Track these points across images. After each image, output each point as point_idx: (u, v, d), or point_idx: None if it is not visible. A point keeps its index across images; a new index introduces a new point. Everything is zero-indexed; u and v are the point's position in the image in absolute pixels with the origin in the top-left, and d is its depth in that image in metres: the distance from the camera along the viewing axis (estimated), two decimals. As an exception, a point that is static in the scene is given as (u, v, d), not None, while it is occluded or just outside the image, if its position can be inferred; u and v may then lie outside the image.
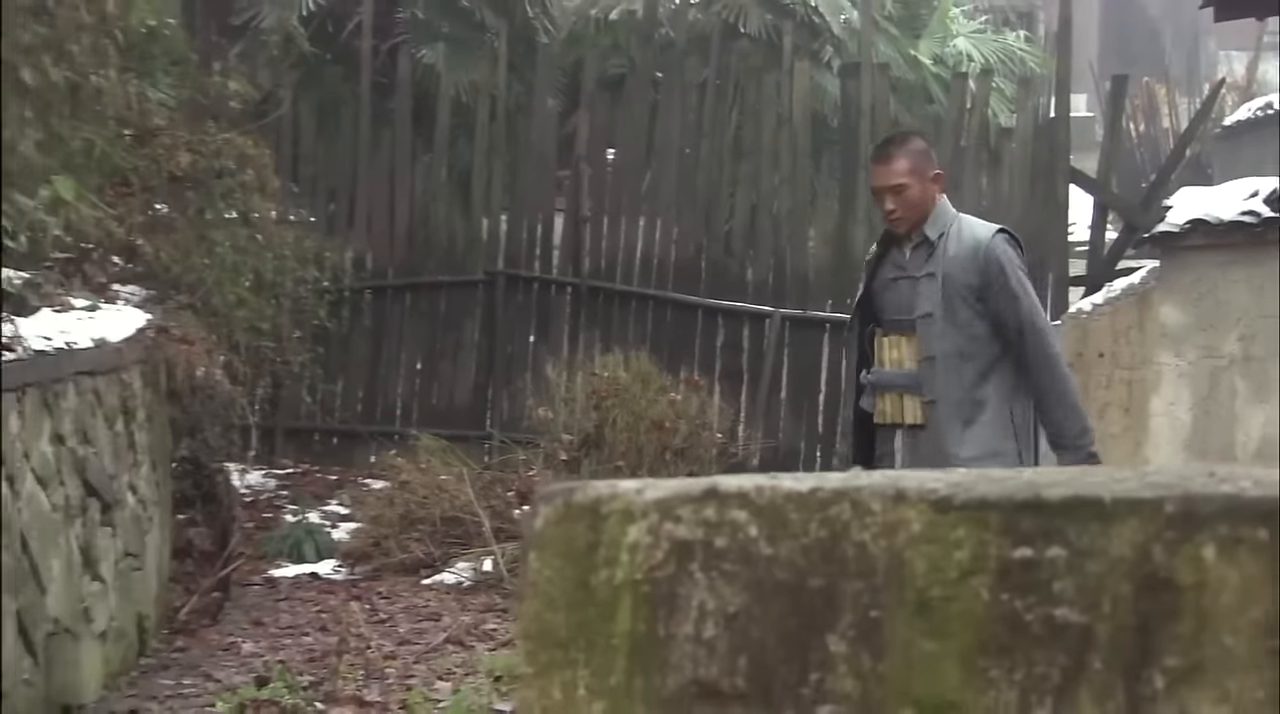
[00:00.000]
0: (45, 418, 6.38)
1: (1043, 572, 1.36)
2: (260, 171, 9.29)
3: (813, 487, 1.47)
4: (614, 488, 1.57)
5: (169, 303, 8.35)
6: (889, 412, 5.44)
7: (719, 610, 1.48)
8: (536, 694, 1.57)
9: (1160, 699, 1.30)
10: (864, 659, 1.42)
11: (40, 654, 6.04)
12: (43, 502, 6.26)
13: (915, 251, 5.41)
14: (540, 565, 1.59)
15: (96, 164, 8.05)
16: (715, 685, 1.46)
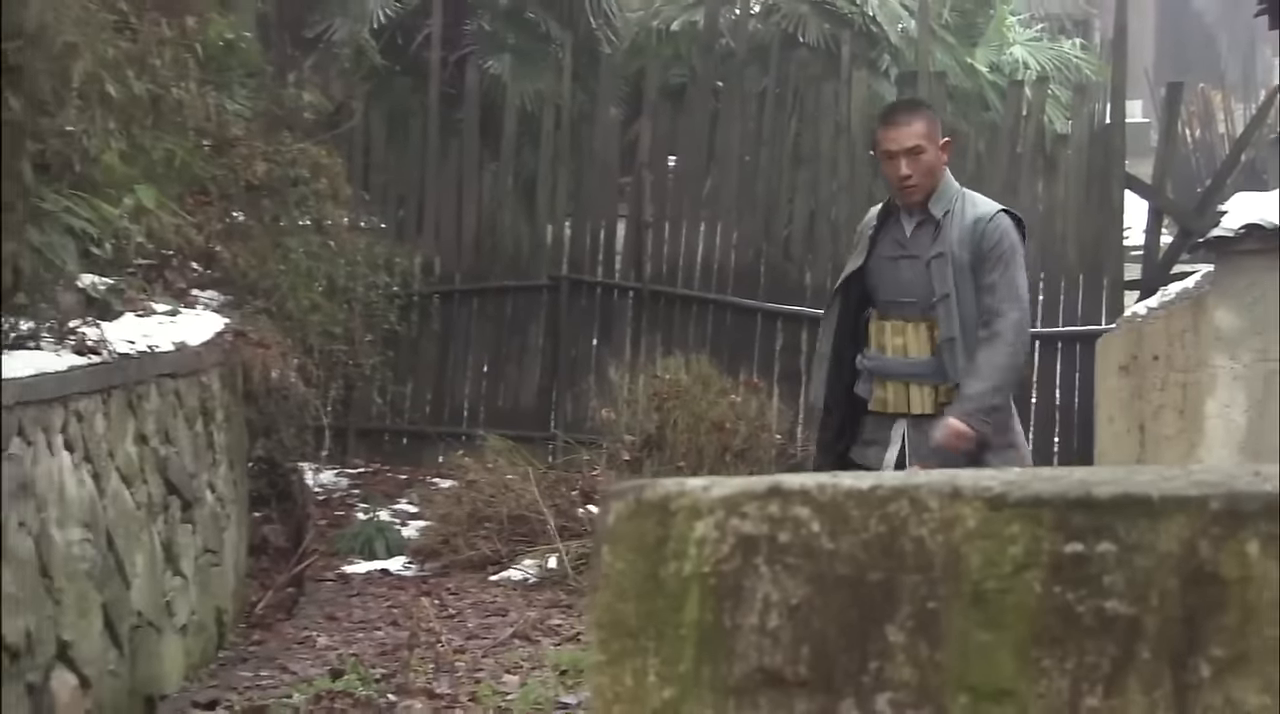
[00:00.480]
0: (129, 419, 6.49)
1: (1093, 566, 1.40)
2: (333, 180, 9.38)
3: (872, 484, 1.51)
4: (682, 485, 1.62)
5: (246, 307, 8.43)
6: (892, 400, 5.12)
7: (783, 602, 1.52)
8: (609, 681, 1.62)
9: (1206, 687, 1.33)
10: (922, 649, 1.46)
11: (125, 646, 6.16)
12: (127, 499, 6.38)
13: (918, 230, 5.13)
14: (612, 559, 1.64)
15: (177, 173, 8.14)
16: (779, 674, 1.50)
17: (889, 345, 5.09)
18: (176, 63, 8.10)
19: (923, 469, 4.57)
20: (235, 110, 9.17)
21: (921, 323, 5.05)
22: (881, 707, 1.46)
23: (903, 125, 5.08)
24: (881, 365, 5.13)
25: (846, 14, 13.53)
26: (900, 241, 5.13)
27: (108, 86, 7.36)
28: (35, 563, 5.52)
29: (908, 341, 5.05)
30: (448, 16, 12.58)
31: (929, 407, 5.04)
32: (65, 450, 5.85)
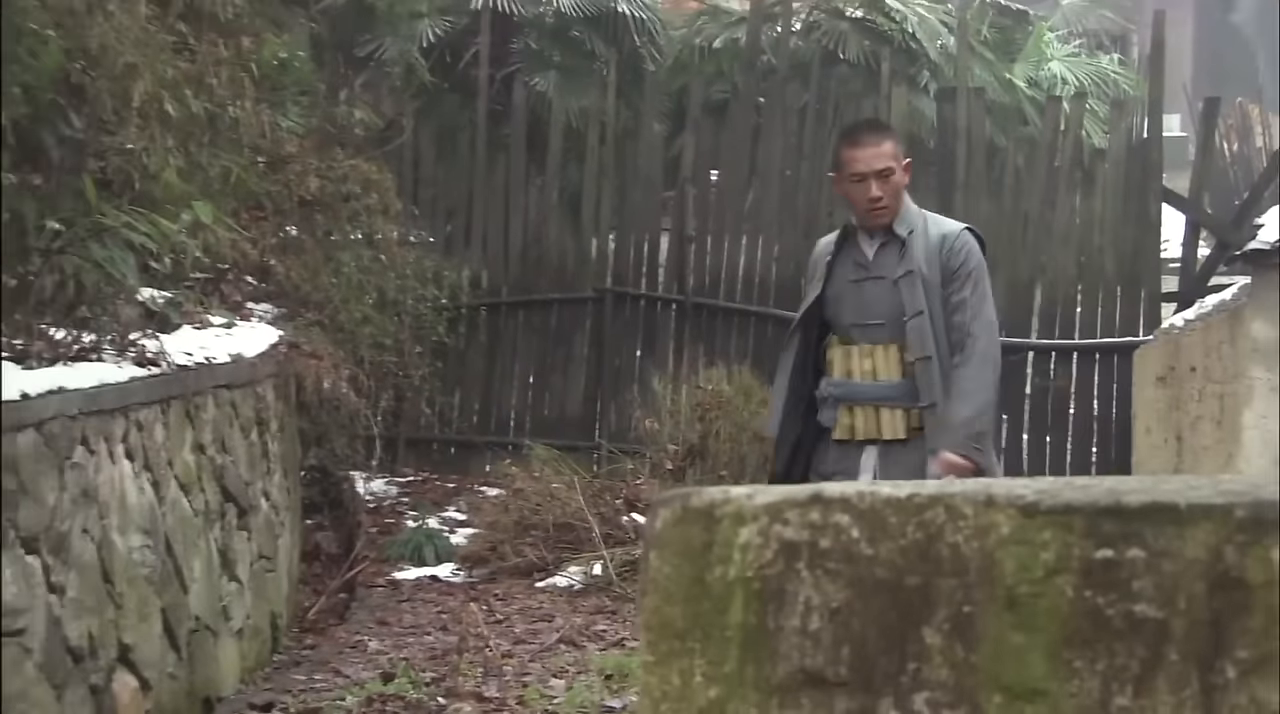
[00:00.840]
0: (187, 428, 6.53)
1: (1123, 571, 1.43)
2: (383, 195, 9.44)
3: (910, 492, 1.55)
4: (726, 493, 1.66)
5: (299, 320, 8.49)
6: (861, 426, 4.82)
7: (823, 605, 1.55)
8: (657, 680, 1.66)
9: (1232, 688, 1.36)
10: (957, 650, 1.49)
11: (184, 649, 6.19)
12: (185, 507, 6.41)
13: (882, 251, 4.88)
14: (660, 563, 1.68)
15: (233, 189, 8.19)
16: (820, 674, 1.53)
17: (856, 369, 4.84)
18: (233, 82, 8.18)
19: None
20: (289, 127, 9.25)
21: (891, 345, 4.82)
22: (919, 706, 1.49)
23: (871, 146, 4.88)
24: (850, 391, 4.85)
25: (886, 31, 13.53)
26: (863, 264, 4.90)
27: (167, 105, 7.45)
28: (98, 568, 5.56)
29: (876, 364, 4.81)
30: (495, 35, 12.65)
31: (900, 431, 4.78)
32: (126, 459, 5.89)
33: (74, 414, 5.47)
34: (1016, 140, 12.50)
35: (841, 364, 4.88)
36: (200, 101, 7.76)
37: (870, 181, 4.79)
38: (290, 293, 8.59)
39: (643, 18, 13.33)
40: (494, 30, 12.61)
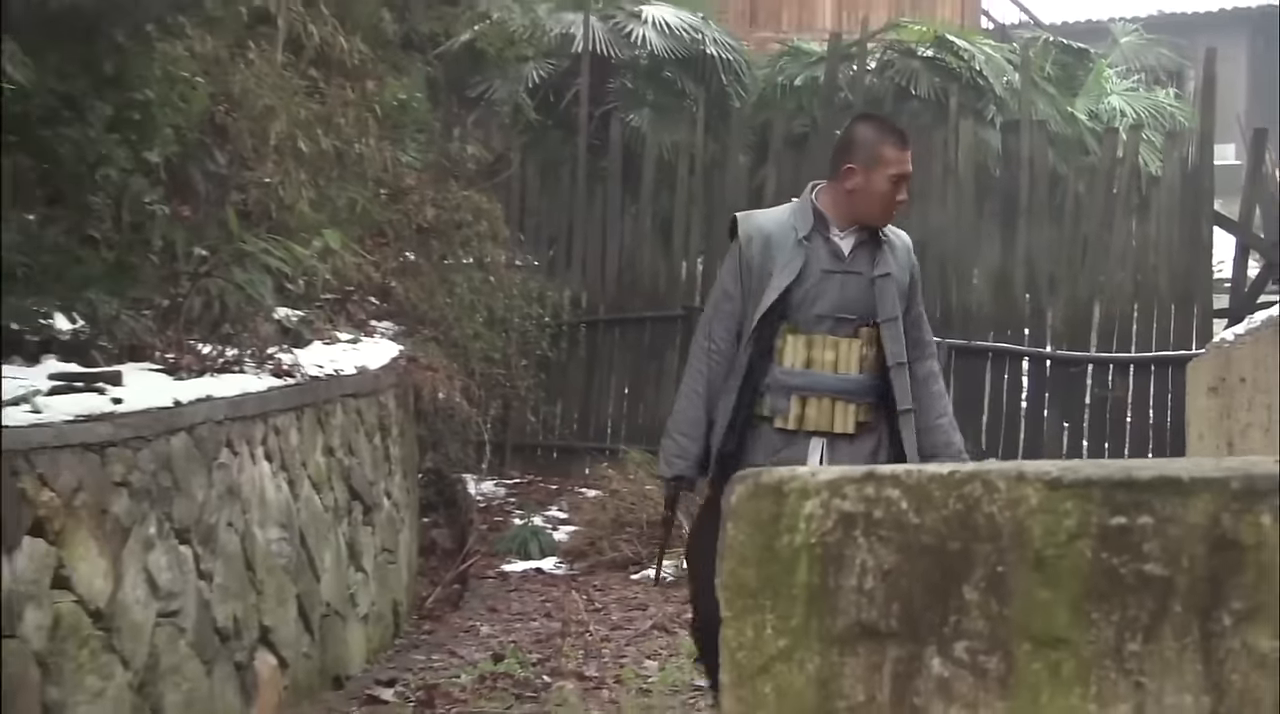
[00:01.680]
0: (319, 433, 6.62)
1: (1134, 535, 1.52)
2: (493, 223, 9.53)
3: (951, 470, 1.65)
4: (793, 472, 1.77)
5: (417, 336, 8.55)
6: (814, 418, 4.36)
7: (877, 567, 1.66)
8: (734, 633, 1.77)
9: (1228, 635, 1.45)
10: (992, 605, 1.59)
11: (316, 632, 6.27)
12: (317, 503, 6.50)
13: (859, 249, 4.45)
14: (735, 532, 1.79)
15: (358, 218, 8.33)
16: (874, 626, 1.63)
17: (819, 360, 4.38)
18: (358, 121, 8.34)
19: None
20: (408, 162, 9.39)
21: (854, 340, 4.41)
22: (959, 653, 1.59)
23: (908, 150, 4.53)
24: (810, 381, 4.39)
25: (955, 68, 13.51)
26: (839, 256, 4.44)
27: (300, 143, 7.63)
28: (241, 557, 5.67)
29: (839, 358, 4.38)
30: (594, 76, 12.76)
31: (850, 426, 4.37)
32: (265, 460, 5.99)
33: (220, 419, 5.57)
34: (1077, 169, 12.43)
35: (800, 353, 4.41)
36: (329, 139, 7.93)
37: (903, 184, 4.47)
38: (409, 311, 8.68)
39: (729, 59, 13.40)
40: (593, 72, 12.72)
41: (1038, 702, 1.53)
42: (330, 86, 8.26)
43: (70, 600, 4.63)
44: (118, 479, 4.90)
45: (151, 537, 5.07)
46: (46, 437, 4.62)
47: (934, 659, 1.60)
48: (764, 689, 1.71)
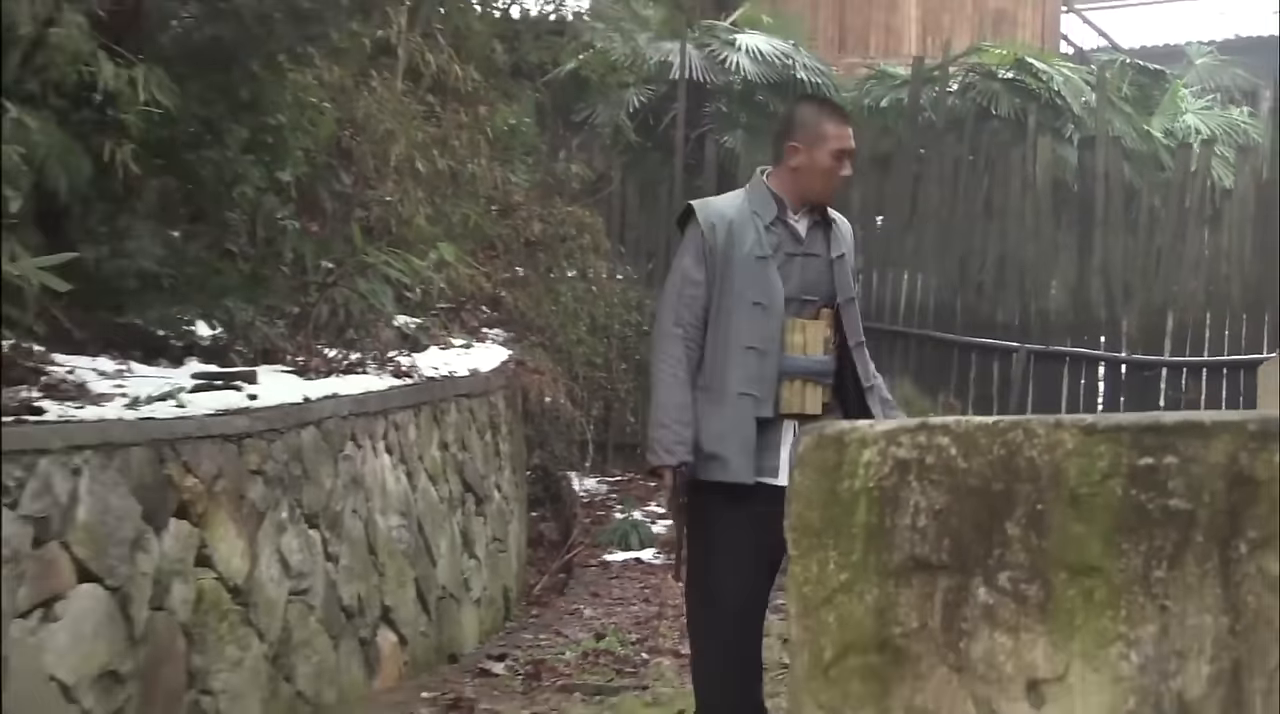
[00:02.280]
0: (434, 429, 6.75)
1: (1160, 474, 1.60)
2: (595, 237, 9.63)
3: (995, 419, 1.73)
4: (854, 424, 1.86)
5: (525, 342, 8.65)
6: (787, 400, 4.06)
7: (929, 507, 1.74)
8: (800, 569, 1.86)
9: (1244, 560, 1.52)
10: (1032, 538, 1.66)
11: (433, 613, 6.40)
12: (433, 494, 6.62)
13: (813, 230, 4.15)
14: (802, 479, 1.88)
15: (471, 233, 8.47)
16: (927, 560, 1.71)
17: (789, 342, 4.07)
18: (471, 143, 8.51)
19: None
20: (517, 181, 9.52)
21: (818, 321, 4.11)
22: (1003, 583, 1.67)
23: (849, 126, 4.21)
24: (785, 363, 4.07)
25: (1034, 89, 13.43)
26: (798, 239, 4.14)
27: (418, 164, 7.81)
28: (364, 542, 5.82)
29: (807, 339, 4.08)
30: (690, 101, 12.84)
31: (817, 407, 4.05)
32: (386, 453, 6.12)
33: (345, 415, 5.74)
34: (1152, 183, 12.33)
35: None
36: (445, 160, 8.10)
37: (845, 159, 4.14)
38: (518, 319, 8.80)
39: (818, 82, 13.40)
40: (689, 96, 12.79)
41: (1073, 624, 1.60)
42: (446, 111, 8.44)
43: (211, 577, 4.82)
44: (253, 468, 5.08)
45: (284, 521, 5.25)
46: (190, 428, 4.81)
47: (980, 588, 1.68)
48: (827, 618, 1.80)
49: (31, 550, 3.98)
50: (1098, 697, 1.57)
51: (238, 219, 6.54)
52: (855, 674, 1.76)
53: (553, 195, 9.86)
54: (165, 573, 4.58)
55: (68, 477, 4.11)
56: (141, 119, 5.50)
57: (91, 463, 4.20)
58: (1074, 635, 1.60)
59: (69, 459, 4.13)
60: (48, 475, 4.03)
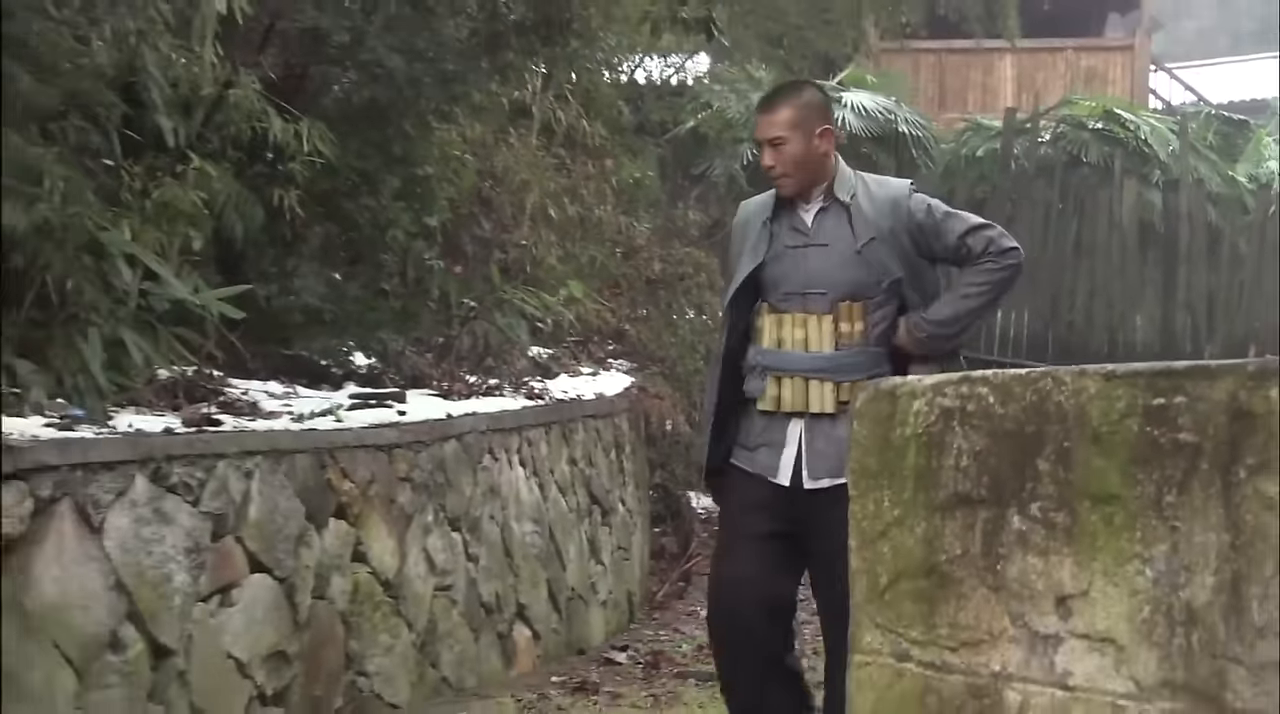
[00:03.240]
0: (564, 446, 6.84)
1: (1171, 412, 1.66)
2: (710, 275, 9.70)
3: (1028, 371, 1.81)
4: (904, 379, 1.95)
5: (646, 370, 8.77)
6: (789, 398, 3.63)
7: (970, 449, 1.82)
8: (859, 508, 1.95)
9: (1243, 484, 1.58)
10: (1059, 472, 1.74)
11: (563, 611, 6.48)
12: (563, 504, 6.71)
13: (822, 216, 3.68)
14: (860, 428, 1.98)
15: (597, 272, 8.62)
16: (968, 495, 1.79)
17: (789, 339, 3.65)
18: (598, 192, 8.68)
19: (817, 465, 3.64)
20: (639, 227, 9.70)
21: (826, 316, 3.63)
22: (1034, 512, 1.74)
23: (768, 113, 3.73)
24: (780, 360, 3.65)
25: (1122, 138, 13.31)
26: (801, 230, 3.69)
27: (550, 211, 8.00)
28: (501, 545, 5.93)
29: (809, 335, 3.63)
30: (800, 154, 12.92)
31: (829, 405, 3.60)
32: (520, 466, 6.23)
33: (483, 430, 5.85)
34: (1235, 224, 12.13)
35: (773, 332, 3.69)
36: (574, 207, 8.28)
37: (764, 149, 3.72)
38: (640, 350, 8.86)
39: (919, 135, 13.43)
40: (800, 149, 12.87)
41: (1095, 546, 1.67)
42: (576, 164, 8.62)
43: (365, 572, 4.96)
44: (402, 475, 5.22)
45: (429, 523, 5.38)
46: (347, 439, 4.98)
47: (1014, 518, 1.76)
48: (883, 549, 1.88)
49: (210, 543, 4.14)
50: (1117, 608, 1.64)
51: (390, 260, 6.73)
52: (907, 597, 1.84)
53: (672, 239, 9.98)
54: (325, 566, 4.72)
55: (241, 479, 4.28)
56: (306, 170, 5.74)
57: (261, 467, 4.36)
58: (1096, 556, 1.67)
59: (242, 463, 4.29)
60: (224, 477, 4.20)
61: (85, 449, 3.77)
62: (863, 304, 3.65)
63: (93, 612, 3.71)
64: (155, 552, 3.94)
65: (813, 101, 3.78)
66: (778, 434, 3.67)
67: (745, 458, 3.75)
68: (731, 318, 3.77)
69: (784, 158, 3.67)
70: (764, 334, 3.70)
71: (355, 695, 4.82)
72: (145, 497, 3.91)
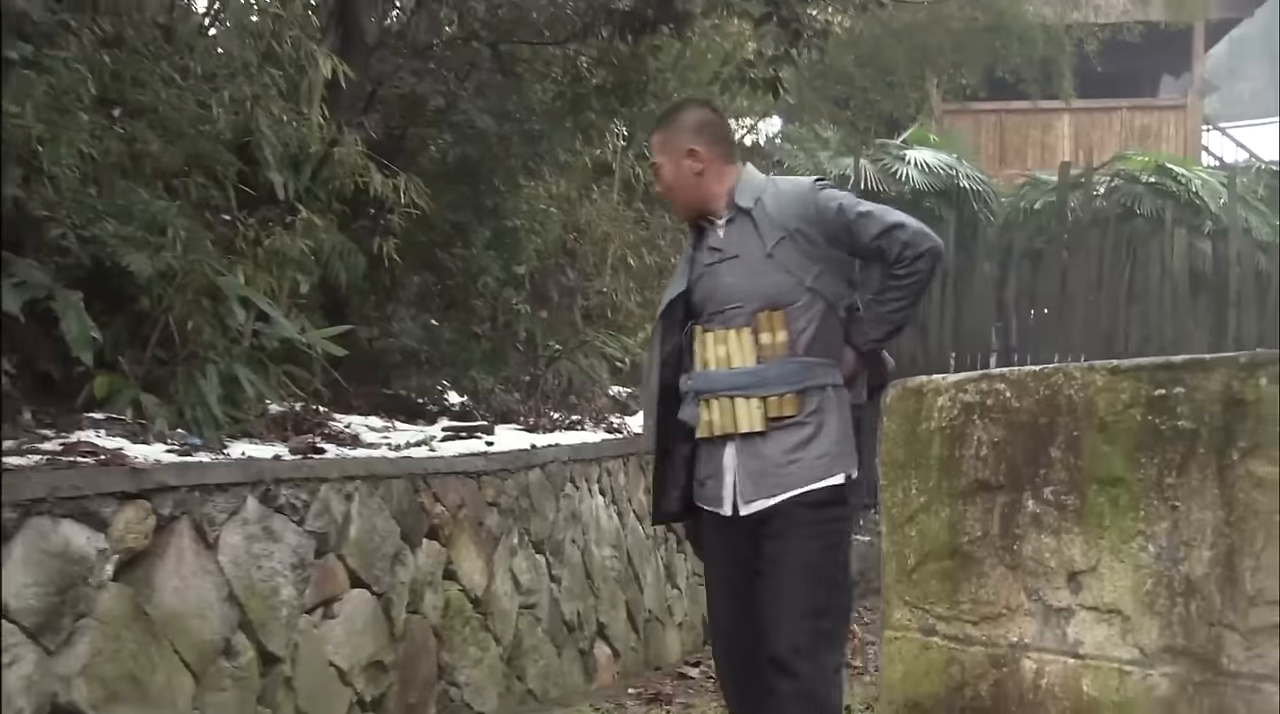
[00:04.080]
0: (641, 477, 6.79)
1: (1171, 401, 1.70)
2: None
3: (1040, 367, 1.86)
4: (930, 377, 2.00)
5: None
6: (718, 421, 3.14)
7: (989, 440, 1.86)
8: (889, 496, 2.00)
9: (1236, 465, 1.61)
10: (1070, 459, 1.78)
11: (641, 632, 6.49)
12: (640, 532, 6.70)
13: (731, 227, 3.25)
14: (890, 423, 2.03)
15: None
16: (987, 482, 1.83)
17: (712, 358, 3.20)
18: (674, 243, 8.76)
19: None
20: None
21: (744, 329, 3.16)
22: (1047, 495, 1.78)
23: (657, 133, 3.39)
24: (706, 382, 3.19)
25: (1174, 191, 13.14)
26: (716, 247, 3.28)
27: (630, 260, 8.11)
28: (582, 568, 5.96)
29: (730, 351, 3.18)
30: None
31: (758, 423, 3.08)
32: (599, 494, 6.26)
33: (565, 460, 5.90)
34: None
35: (699, 354, 3.25)
36: (652, 257, 8.37)
37: (656, 170, 3.39)
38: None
39: (978, 189, 13.38)
40: (864, 203, 12.89)
41: (1102, 525, 1.71)
42: (653, 217, 8.70)
43: (456, 589, 5.01)
44: (490, 500, 5.28)
45: (515, 545, 5.43)
46: (439, 466, 5.06)
47: (1029, 501, 1.80)
48: (910, 532, 1.93)
49: (314, 559, 4.22)
50: (1123, 581, 1.67)
51: (481, 306, 6.85)
52: (933, 576, 1.88)
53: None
54: (419, 583, 4.77)
55: (342, 501, 4.36)
56: (404, 222, 5.88)
57: (361, 491, 4.45)
58: (1103, 534, 1.70)
59: (343, 487, 4.38)
60: (326, 499, 4.29)
61: (202, 472, 3.88)
62: (783, 312, 3.15)
63: (208, 620, 3.81)
64: (264, 566, 4.03)
65: (684, 123, 3.35)
66: (717, 462, 3.17)
67: (699, 494, 3.26)
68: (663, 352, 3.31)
69: (662, 181, 3.35)
70: (696, 356, 3.25)
71: (447, 704, 4.86)
72: (255, 516, 4.01)
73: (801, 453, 2.96)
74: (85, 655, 3.41)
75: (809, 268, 3.11)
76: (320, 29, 5.95)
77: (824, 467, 2.85)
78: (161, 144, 4.75)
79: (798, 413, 3.02)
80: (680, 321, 3.30)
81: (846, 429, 2.81)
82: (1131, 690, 1.61)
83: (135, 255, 4.39)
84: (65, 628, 3.36)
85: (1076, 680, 1.64)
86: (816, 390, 2.99)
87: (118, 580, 3.52)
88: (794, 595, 2.81)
